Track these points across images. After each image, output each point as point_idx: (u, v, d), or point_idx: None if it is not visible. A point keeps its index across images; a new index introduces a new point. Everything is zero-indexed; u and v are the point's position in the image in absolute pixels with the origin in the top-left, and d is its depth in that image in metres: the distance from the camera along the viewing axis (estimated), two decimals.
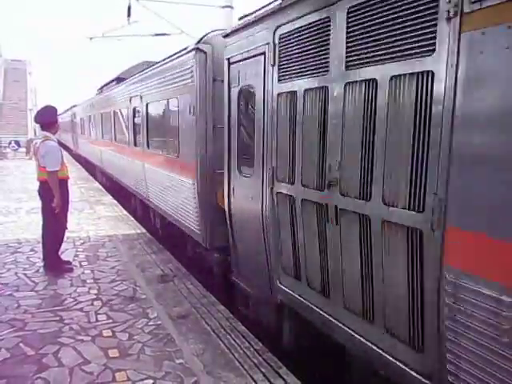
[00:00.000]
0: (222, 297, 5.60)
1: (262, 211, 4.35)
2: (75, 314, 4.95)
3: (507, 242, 2.08)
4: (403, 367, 2.81)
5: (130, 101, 9.86)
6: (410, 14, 2.56)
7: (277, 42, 3.94)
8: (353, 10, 3.00)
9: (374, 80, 2.84)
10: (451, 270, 2.39)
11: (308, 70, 3.55)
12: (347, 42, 3.09)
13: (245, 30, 4.53)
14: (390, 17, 2.70)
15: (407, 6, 2.57)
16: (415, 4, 2.52)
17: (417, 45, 2.54)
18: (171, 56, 7.04)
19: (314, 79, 3.47)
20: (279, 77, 3.93)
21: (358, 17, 2.95)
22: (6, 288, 5.64)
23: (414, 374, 2.73)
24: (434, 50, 2.43)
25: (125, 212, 11.08)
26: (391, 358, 2.90)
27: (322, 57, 3.36)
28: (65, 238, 6.83)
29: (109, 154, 13.71)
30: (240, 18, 4.91)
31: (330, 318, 3.49)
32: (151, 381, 3.65)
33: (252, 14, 4.53)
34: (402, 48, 2.64)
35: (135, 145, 9.76)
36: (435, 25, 2.41)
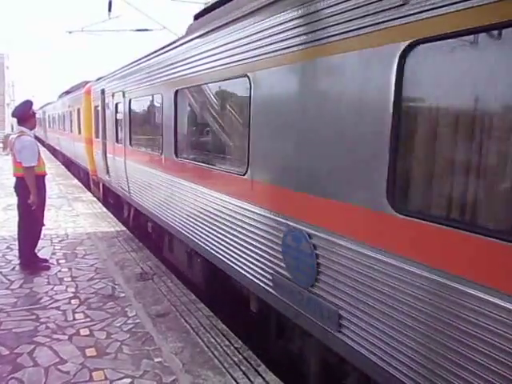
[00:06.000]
0: None
1: None
2: (52, 312, 4.86)
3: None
4: None
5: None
6: None
7: None
8: None
9: None
10: None
11: None
12: None
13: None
14: None
15: None
16: None
17: None
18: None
19: None
20: None
21: None
22: None
23: None
24: None
25: (104, 209, 10.93)
26: None
27: None
28: (42, 236, 6.71)
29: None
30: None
31: None
32: (129, 380, 3.61)
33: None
34: None
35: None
36: None
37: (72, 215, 10.06)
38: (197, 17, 5.66)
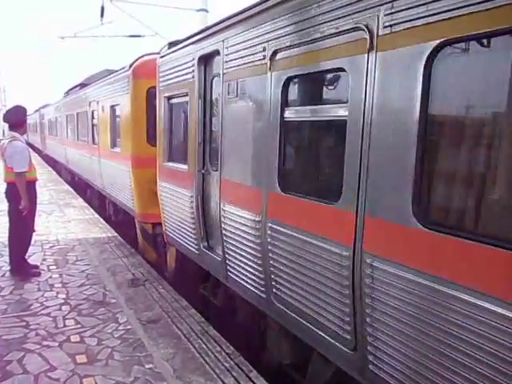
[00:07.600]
0: None
1: None
2: (42, 319, 4.83)
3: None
4: None
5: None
6: None
7: None
8: None
9: None
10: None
11: None
12: None
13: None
14: None
15: None
16: None
17: None
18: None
19: None
20: None
21: None
22: None
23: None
24: None
25: (96, 215, 10.88)
26: None
27: None
28: (32, 242, 6.68)
29: None
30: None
31: None
32: None
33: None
34: None
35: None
36: None
37: (63, 221, 10.00)
38: None
